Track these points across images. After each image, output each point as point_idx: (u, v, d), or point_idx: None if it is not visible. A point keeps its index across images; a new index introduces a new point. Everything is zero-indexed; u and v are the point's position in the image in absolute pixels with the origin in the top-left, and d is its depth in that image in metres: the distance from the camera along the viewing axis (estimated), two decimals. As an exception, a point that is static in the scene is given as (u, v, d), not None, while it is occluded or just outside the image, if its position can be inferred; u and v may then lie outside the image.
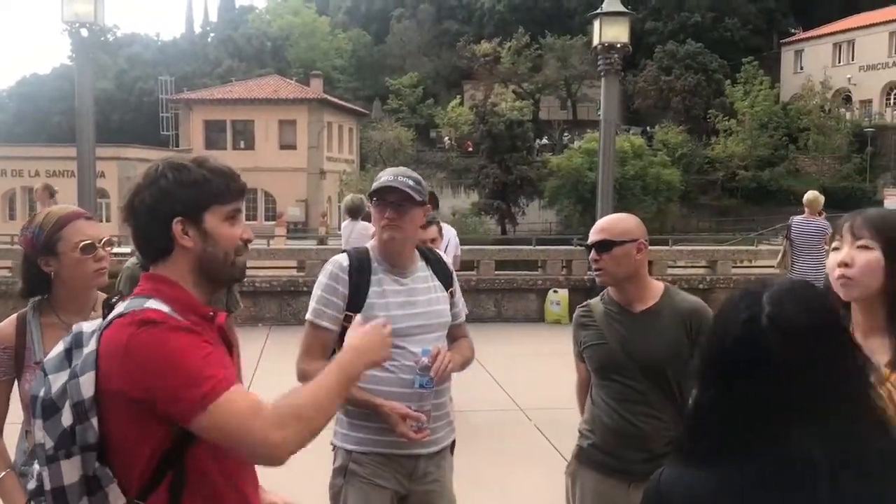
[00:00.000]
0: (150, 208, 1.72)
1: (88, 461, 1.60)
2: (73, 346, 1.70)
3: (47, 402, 1.63)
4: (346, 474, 2.75)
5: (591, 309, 2.89)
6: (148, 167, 1.78)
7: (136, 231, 1.77)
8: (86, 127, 10.64)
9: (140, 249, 1.80)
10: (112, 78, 53.27)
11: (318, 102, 43.05)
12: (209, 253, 1.75)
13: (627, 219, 2.85)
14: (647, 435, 2.69)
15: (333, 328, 2.74)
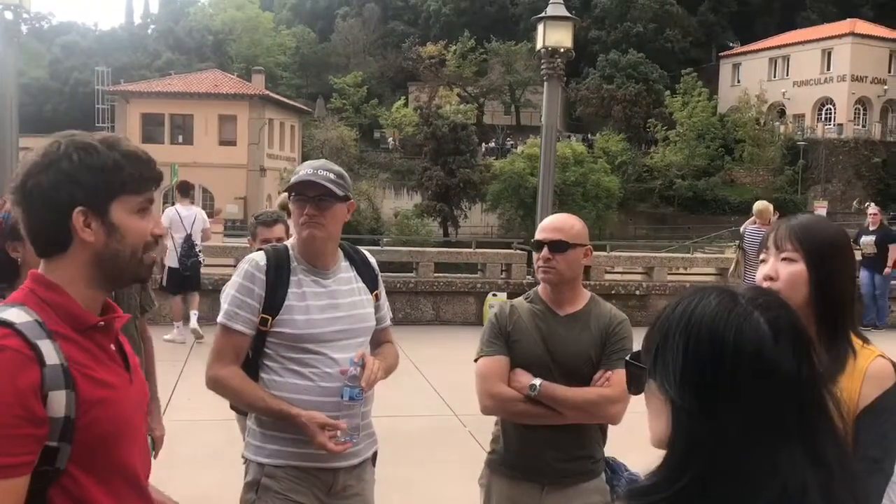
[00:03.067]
0: (48, 194, 1.48)
1: None
2: None
3: None
4: (258, 489, 2.57)
5: (516, 307, 2.80)
6: (48, 144, 1.54)
7: (29, 219, 1.53)
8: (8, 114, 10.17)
9: (32, 241, 1.56)
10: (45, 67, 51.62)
11: (259, 98, 42.35)
12: (113, 249, 1.55)
13: (579, 222, 2.82)
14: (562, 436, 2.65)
15: (248, 332, 2.56)
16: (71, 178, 1.49)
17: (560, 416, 2.59)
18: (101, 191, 1.51)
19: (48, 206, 1.49)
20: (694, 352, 1.07)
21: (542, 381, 2.59)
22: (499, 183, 39.04)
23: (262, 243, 3.84)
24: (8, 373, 1.36)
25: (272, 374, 2.57)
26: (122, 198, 1.54)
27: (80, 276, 1.53)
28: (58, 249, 1.52)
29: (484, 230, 42.35)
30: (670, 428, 1.09)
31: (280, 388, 2.55)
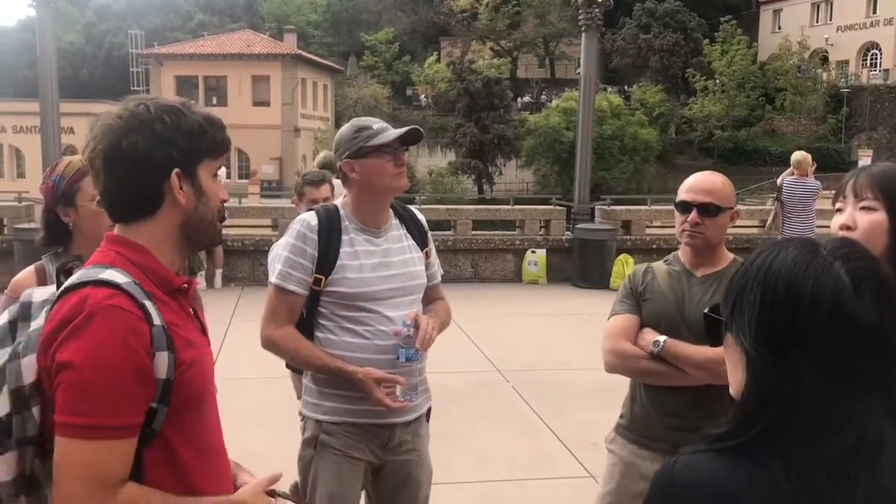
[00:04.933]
0: (144, 156, 1.46)
1: (25, 457, 1.37)
2: (20, 318, 1.43)
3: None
4: (316, 445, 2.60)
5: (652, 268, 2.69)
6: (129, 106, 1.50)
7: (116, 182, 1.49)
8: (48, 79, 10.26)
9: (114, 205, 1.53)
10: (80, 31, 51.91)
11: (291, 58, 42.25)
12: (200, 212, 1.55)
13: (727, 183, 2.63)
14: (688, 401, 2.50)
15: (301, 292, 2.57)
16: (167, 140, 1.48)
17: (684, 376, 2.45)
18: (191, 153, 1.51)
19: (144, 168, 1.47)
20: (770, 303, 1.07)
21: (667, 339, 2.48)
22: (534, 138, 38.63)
23: (309, 203, 3.84)
24: (121, 333, 1.36)
25: (327, 332, 2.59)
26: (206, 161, 1.55)
27: (168, 239, 1.53)
28: (146, 212, 1.51)
29: (519, 187, 42.08)
30: (746, 378, 1.09)
31: (335, 346, 2.56)
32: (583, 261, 11.42)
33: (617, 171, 36.86)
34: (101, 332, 1.35)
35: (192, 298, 1.61)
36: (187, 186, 1.51)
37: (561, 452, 5.15)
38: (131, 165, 1.47)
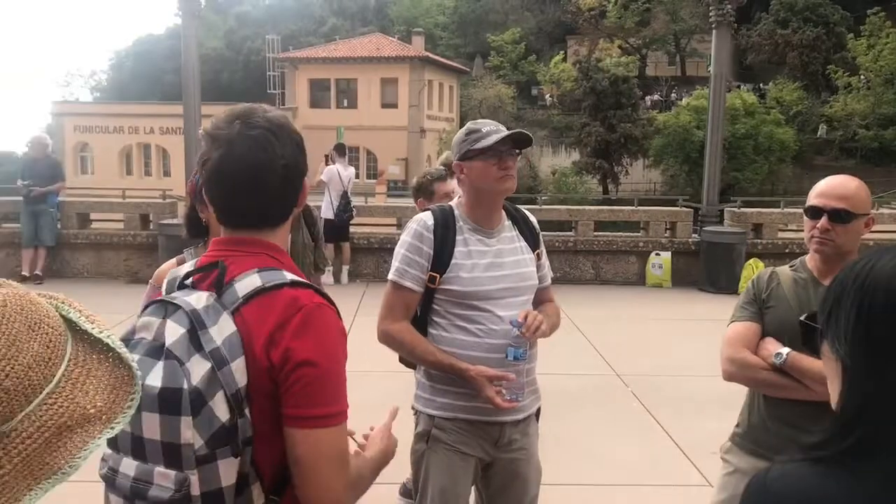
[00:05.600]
0: (297, 165, 1.57)
1: (246, 458, 1.44)
2: (196, 327, 1.44)
3: (195, 395, 1.38)
4: (428, 440, 2.68)
5: (777, 273, 2.61)
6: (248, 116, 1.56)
7: (271, 192, 1.55)
8: (191, 84, 10.90)
9: (251, 213, 1.58)
10: (222, 37, 54.66)
11: (419, 60, 42.96)
12: (296, 215, 1.69)
13: (863, 187, 2.49)
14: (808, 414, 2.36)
15: (416, 288, 2.65)
16: (302, 153, 1.60)
17: (806, 390, 2.35)
18: (304, 161, 1.62)
19: (291, 179, 1.57)
20: (868, 312, 1.04)
21: (790, 351, 2.39)
22: (662, 137, 37.65)
23: (442, 198, 3.91)
24: (335, 327, 1.50)
25: (440, 329, 2.66)
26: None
27: (285, 241, 1.66)
28: (286, 216, 1.62)
29: (646, 187, 41.14)
30: (842, 387, 1.08)
31: (447, 343, 2.63)
32: (710, 264, 11.07)
33: (750, 171, 35.42)
34: (323, 328, 1.47)
35: None
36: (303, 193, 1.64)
37: (679, 460, 5.04)
38: (283, 174, 1.55)
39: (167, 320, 1.47)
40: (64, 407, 0.99)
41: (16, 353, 0.95)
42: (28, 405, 0.96)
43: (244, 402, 1.42)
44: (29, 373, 0.96)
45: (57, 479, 0.98)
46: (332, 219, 10.74)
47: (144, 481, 1.43)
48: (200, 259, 1.62)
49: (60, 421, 0.99)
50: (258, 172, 1.53)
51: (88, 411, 1.02)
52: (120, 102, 43.25)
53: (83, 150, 39.41)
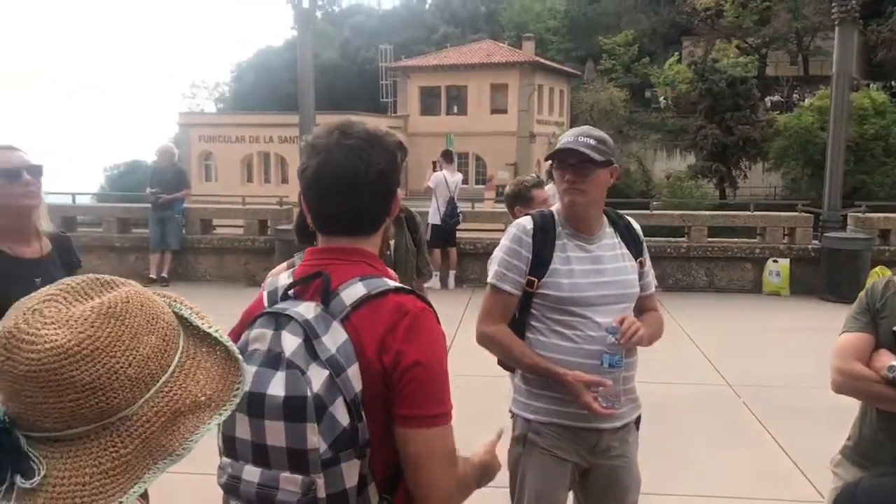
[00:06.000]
0: (388, 174, 1.63)
1: (366, 460, 1.51)
2: (310, 336, 1.50)
3: (317, 402, 1.45)
4: (525, 443, 2.70)
5: (894, 282, 2.51)
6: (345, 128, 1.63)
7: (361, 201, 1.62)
8: (306, 94, 11.28)
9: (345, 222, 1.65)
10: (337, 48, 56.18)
11: (529, 65, 42.90)
12: (388, 224, 1.75)
13: None
14: None
15: (514, 292, 2.67)
16: (396, 158, 1.66)
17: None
18: (397, 170, 1.68)
19: (385, 189, 1.64)
20: None
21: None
22: (783, 139, 36.05)
23: (540, 204, 3.93)
24: (438, 329, 1.58)
25: (537, 334, 2.67)
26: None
27: (378, 248, 1.72)
28: (379, 225, 1.69)
29: (766, 191, 39.55)
30: None
31: (544, 347, 2.64)
32: (831, 272, 10.54)
33: (880, 174, 33.43)
34: (428, 331, 1.55)
35: None
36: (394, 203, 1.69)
37: (793, 473, 4.84)
38: (375, 187, 1.62)
39: (282, 332, 1.52)
40: (178, 394, 1.08)
41: (137, 344, 1.04)
42: (147, 392, 1.05)
43: (361, 407, 1.48)
44: (148, 363, 1.05)
45: (172, 459, 1.06)
46: (438, 224, 10.92)
47: (270, 487, 1.49)
48: (297, 269, 1.69)
49: (175, 407, 1.07)
50: (353, 180, 1.59)
51: (199, 399, 1.10)
52: (241, 113, 45.15)
53: (207, 159, 41.37)
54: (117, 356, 1.02)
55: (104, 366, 1.01)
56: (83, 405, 1.00)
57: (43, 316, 1.02)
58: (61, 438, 1.02)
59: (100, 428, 1.02)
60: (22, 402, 1.01)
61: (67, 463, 1.01)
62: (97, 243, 11.63)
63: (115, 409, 1.02)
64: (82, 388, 0.99)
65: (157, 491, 1.45)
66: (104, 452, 1.02)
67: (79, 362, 0.99)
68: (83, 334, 1.00)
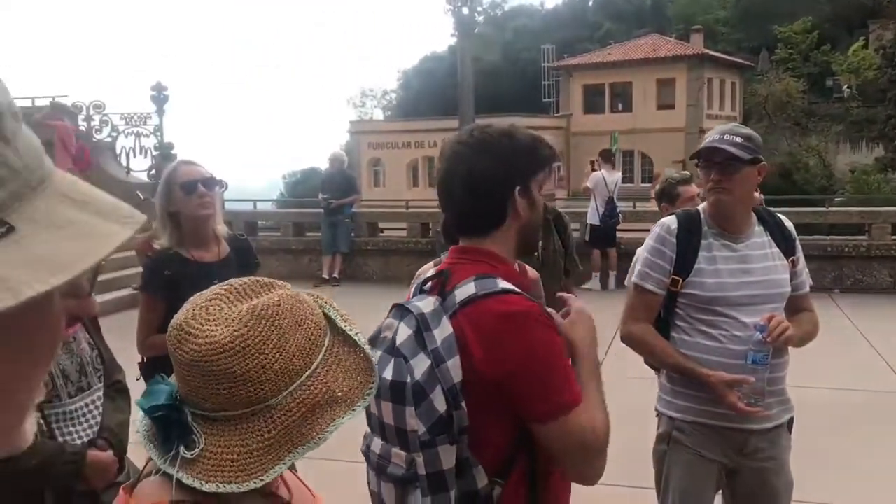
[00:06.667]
0: (491, 176, 1.69)
1: (463, 445, 1.62)
2: (421, 328, 1.63)
3: (416, 388, 1.58)
4: (669, 441, 2.70)
5: None
6: (468, 133, 1.75)
7: (468, 199, 1.73)
8: (466, 98, 11.54)
9: (463, 220, 1.77)
10: (498, 50, 56.63)
11: (697, 58, 41.39)
12: (532, 222, 1.78)
13: None
14: None
15: (658, 292, 2.68)
16: (509, 161, 1.71)
17: None
18: (528, 171, 1.74)
19: (492, 188, 1.71)
20: None
21: None
22: None
23: (685, 202, 3.88)
24: (544, 325, 1.64)
25: (682, 333, 2.67)
26: (537, 176, 1.76)
27: (509, 248, 1.78)
28: (494, 225, 1.74)
29: (970, 185, 35.99)
30: None
31: (689, 347, 2.63)
32: None
33: None
34: (531, 329, 1.61)
35: None
36: (524, 200, 1.73)
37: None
38: (480, 184, 1.70)
39: (401, 322, 1.68)
40: (318, 388, 1.20)
41: (284, 343, 1.18)
42: (291, 385, 1.18)
43: (460, 396, 1.58)
44: (293, 360, 1.19)
45: (309, 446, 1.20)
46: (597, 224, 10.82)
47: (385, 459, 1.67)
48: (439, 266, 1.82)
49: (314, 400, 1.20)
50: (463, 182, 1.70)
51: (336, 394, 1.22)
52: (406, 119, 46.51)
53: (376, 165, 43.00)
54: (266, 353, 1.16)
55: (254, 361, 1.15)
56: (235, 393, 1.16)
57: (208, 313, 1.19)
58: (217, 419, 1.18)
59: (249, 413, 1.17)
60: (188, 385, 1.19)
61: (221, 440, 1.17)
62: (275, 246, 12.43)
63: (262, 399, 1.17)
64: (234, 378, 1.15)
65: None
66: (251, 435, 1.17)
67: (232, 357, 1.15)
68: (237, 332, 1.16)
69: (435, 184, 1.80)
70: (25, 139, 0.52)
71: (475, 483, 1.62)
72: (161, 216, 3.17)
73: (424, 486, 1.59)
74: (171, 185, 3.13)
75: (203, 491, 1.15)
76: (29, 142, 0.52)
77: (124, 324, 5.16)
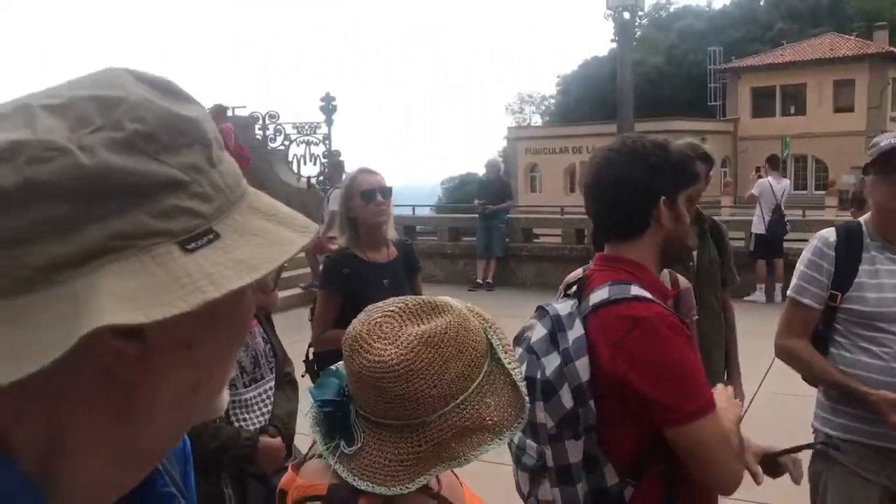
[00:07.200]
0: (637, 184, 1.75)
1: (590, 441, 1.68)
2: (556, 329, 1.72)
3: (546, 385, 1.67)
4: (826, 459, 2.60)
5: None
6: (625, 142, 1.82)
7: (611, 206, 1.80)
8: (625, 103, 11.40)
9: (606, 226, 1.84)
10: (663, 53, 55.14)
11: (881, 57, 38.49)
12: (677, 233, 1.81)
13: None
14: None
15: (815, 306, 2.59)
16: (657, 172, 1.77)
17: None
18: (675, 183, 1.79)
19: (636, 195, 1.76)
20: None
21: None
22: None
23: None
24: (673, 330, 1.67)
25: (841, 349, 2.57)
26: (684, 190, 1.81)
27: (651, 257, 1.82)
28: (637, 232, 1.80)
29: None
30: None
31: (848, 364, 2.53)
32: None
33: None
34: (658, 336, 1.64)
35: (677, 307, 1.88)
36: (669, 211, 1.77)
37: None
38: (625, 192, 1.77)
39: (539, 322, 1.79)
40: (470, 414, 1.28)
41: (445, 370, 1.26)
42: (445, 407, 1.26)
43: (587, 395, 1.65)
44: (451, 385, 1.27)
45: (456, 463, 1.28)
46: (763, 234, 10.37)
47: (521, 450, 1.80)
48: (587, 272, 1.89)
49: (464, 424, 1.27)
50: (602, 189, 1.79)
51: (486, 422, 1.28)
52: (563, 125, 46.28)
53: (533, 171, 43.02)
54: (426, 378, 1.25)
55: (413, 385, 1.24)
56: (393, 408, 1.26)
57: (381, 330, 1.29)
58: (377, 423, 1.29)
59: (404, 426, 1.27)
60: (355, 388, 1.31)
61: (377, 443, 1.28)
62: (433, 250, 12.77)
63: (417, 416, 1.26)
64: (393, 397, 1.25)
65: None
66: (404, 445, 1.26)
67: (395, 378, 1.24)
68: (404, 356, 1.25)
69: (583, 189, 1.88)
70: (227, 163, 0.64)
71: (604, 480, 1.67)
72: (340, 219, 3.44)
73: (553, 478, 1.69)
74: (352, 193, 3.39)
75: None
76: (229, 165, 0.64)
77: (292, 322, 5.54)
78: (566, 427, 1.66)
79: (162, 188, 0.57)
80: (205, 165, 0.60)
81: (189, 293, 0.54)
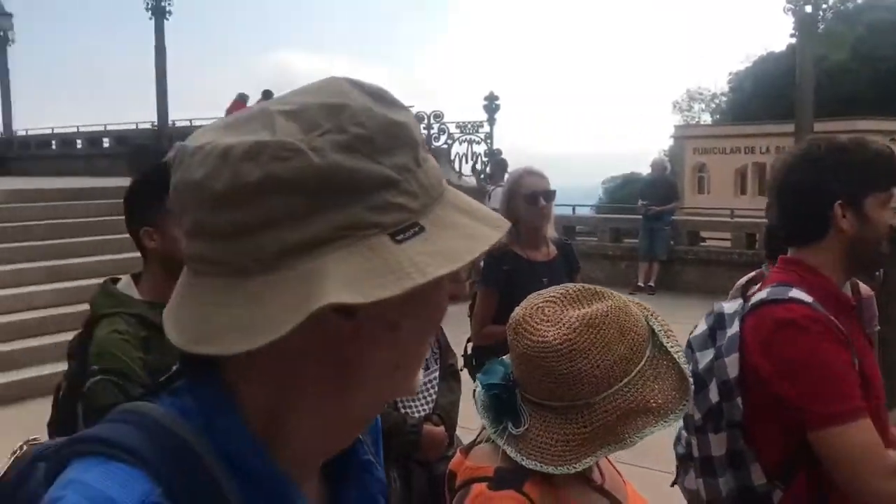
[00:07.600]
0: (810, 188, 1.73)
1: (734, 437, 1.69)
2: (717, 326, 1.78)
3: (696, 378, 1.68)
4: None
5: None
6: (804, 146, 1.81)
7: (787, 211, 1.79)
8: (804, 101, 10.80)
9: (786, 230, 1.83)
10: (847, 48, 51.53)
11: None
12: (864, 238, 1.74)
13: None
14: None
15: None
16: (831, 175, 1.71)
17: None
18: (856, 186, 1.71)
19: (809, 199, 1.73)
20: None
21: None
22: None
23: None
24: (815, 335, 1.62)
25: None
26: (874, 193, 1.72)
27: (834, 262, 1.75)
28: (814, 237, 1.75)
29: None
30: None
31: None
32: None
33: None
34: (802, 337, 1.62)
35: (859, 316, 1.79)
36: (851, 215, 1.69)
37: None
38: (798, 196, 1.75)
39: (704, 318, 1.84)
40: (633, 397, 1.30)
41: (607, 352, 1.29)
42: (609, 389, 1.29)
43: (734, 391, 1.67)
44: (613, 367, 1.29)
45: (620, 446, 1.29)
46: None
47: (678, 439, 1.89)
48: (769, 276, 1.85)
49: (628, 406, 1.29)
50: (789, 193, 1.77)
51: (650, 405, 1.30)
52: (734, 123, 44.25)
53: (701, 171, 41.44)
54: (588, 359, 1.27)
55: (576, 365, 1.27)
56: (556, 388, 1.29)
57: (543, 314, 1.33)
58: (543, 405, 1.32)
59: (569, 407, 1.29)
60: (520, 372, 1.35)
61: (543, 424, 1.31)
62: (593, 251, 12.59)
63: (580, 397, 1.29)
64: (557, 376, 1.28)
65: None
66: (570, 426, 1.29)
67: (558, 357, 1.28)
68: (566, 336, 1.28)
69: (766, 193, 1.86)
70: (430, 163, 0.70)
71: (751, 479, 1.67)
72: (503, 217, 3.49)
73: (697, 468, 1.74)
74: (515, 193, 3.45)
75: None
76: (432, 165, 0.70)
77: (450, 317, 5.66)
78: (710, 420, 1.70)
79: (378, 186, 0.63)
80: (413, 165, 0.66)
81: (399, 279, 0.60)
